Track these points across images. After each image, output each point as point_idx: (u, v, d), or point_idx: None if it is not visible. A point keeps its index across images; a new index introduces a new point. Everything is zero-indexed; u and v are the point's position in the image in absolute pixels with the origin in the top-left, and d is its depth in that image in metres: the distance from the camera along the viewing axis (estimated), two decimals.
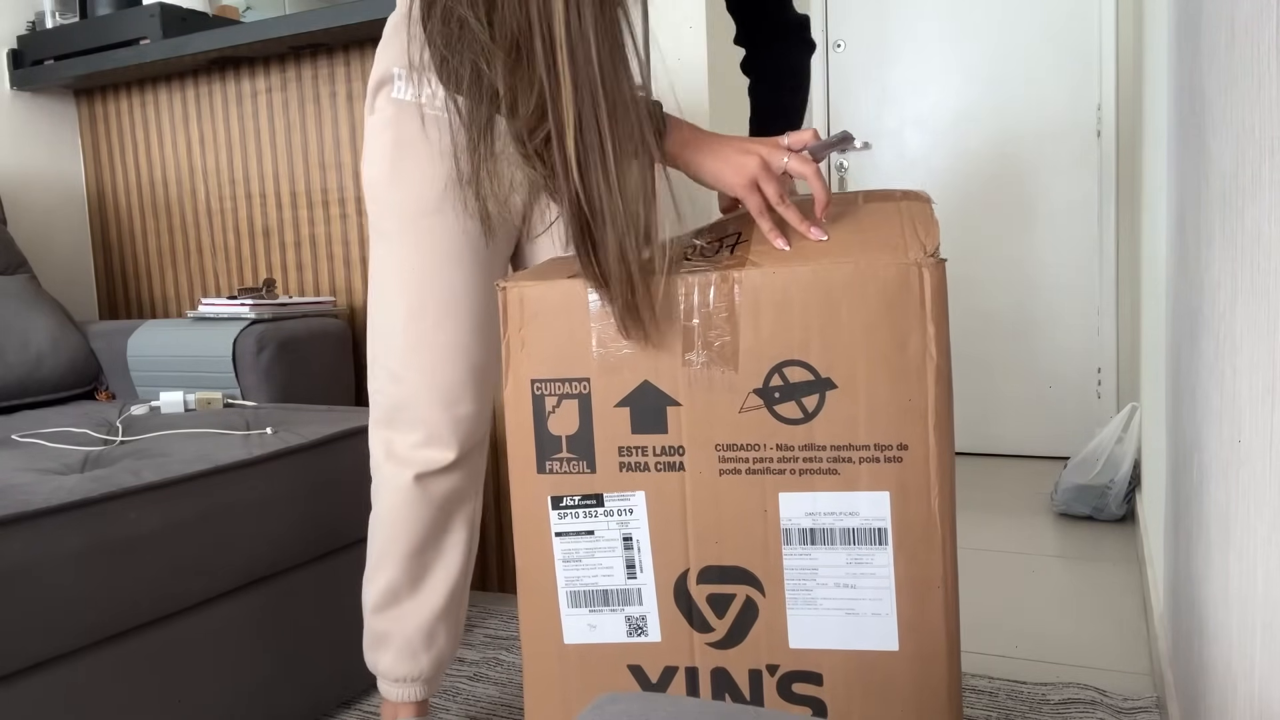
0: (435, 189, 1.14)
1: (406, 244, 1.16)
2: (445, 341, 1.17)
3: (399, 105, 1.16)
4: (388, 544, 1.22)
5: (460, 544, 1.25)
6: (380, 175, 1.17)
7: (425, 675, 1.26)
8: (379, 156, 1.17)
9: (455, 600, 1.26)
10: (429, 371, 1.17)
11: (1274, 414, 0.59)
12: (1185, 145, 1.07)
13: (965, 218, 3.14)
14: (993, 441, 3.19)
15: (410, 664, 1.25)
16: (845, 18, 3.23)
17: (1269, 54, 0.59)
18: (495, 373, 1.23)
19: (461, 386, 1.18)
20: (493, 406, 1.29)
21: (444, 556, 1.24)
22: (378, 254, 1.19)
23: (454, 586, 1.25)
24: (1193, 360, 0.99)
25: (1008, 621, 1.83)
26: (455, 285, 1.16)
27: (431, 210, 1.15)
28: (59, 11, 2.24)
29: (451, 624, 1.27)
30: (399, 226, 1.16)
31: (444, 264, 1.16)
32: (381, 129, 1.17)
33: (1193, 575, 1.01)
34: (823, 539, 0.93)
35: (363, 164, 1.20)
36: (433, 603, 1.24)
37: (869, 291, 0.89)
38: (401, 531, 1.21)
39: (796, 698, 0.95)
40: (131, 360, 1.92)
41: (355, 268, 2.05)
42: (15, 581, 1.06)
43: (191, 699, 1.27)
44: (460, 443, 1.19)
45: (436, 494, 1.20)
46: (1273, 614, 0.60)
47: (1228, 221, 0.74)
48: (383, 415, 1.21)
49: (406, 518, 1.20)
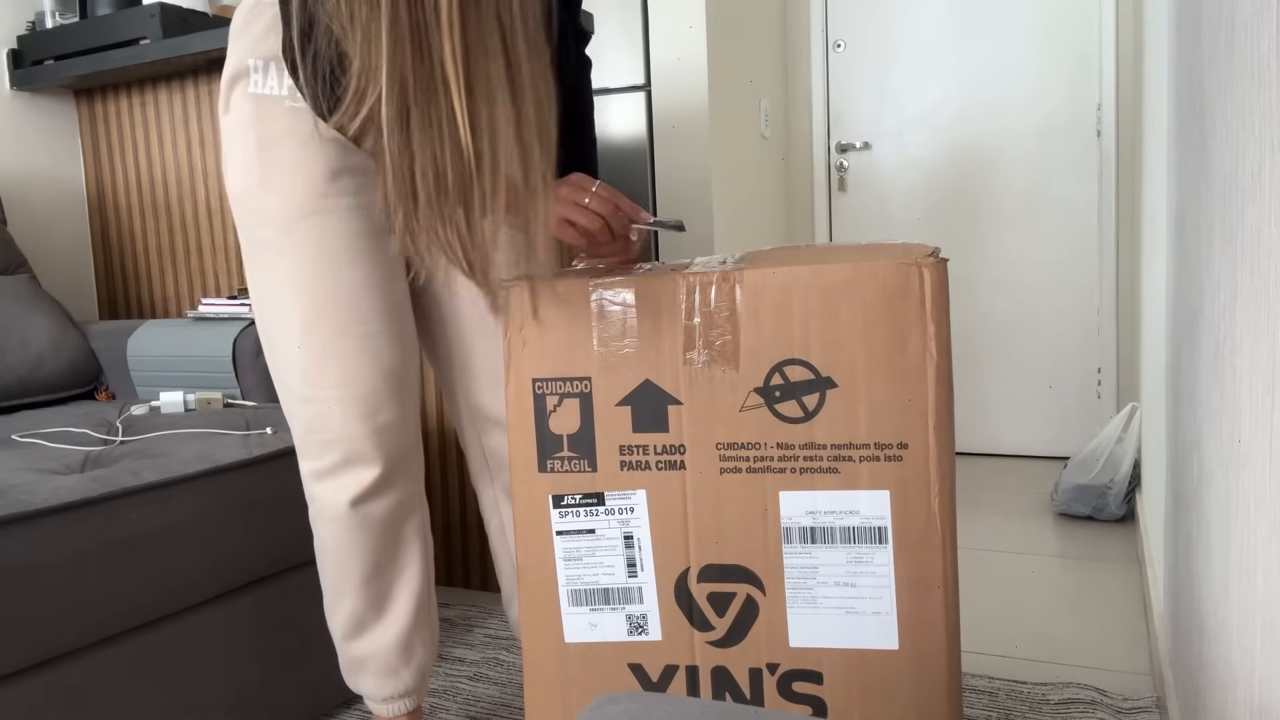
0: (312, 186, 1.04)
1: (289, 251, 1.05)
2: (350, 348, 1.07)
3: (258, 100, 1.04)
4: (340, 575, 1.15)
5: (415, 558, 1.19)
6: (248, 181, 1.06)
7: (410, 689, 1.22)
8: (242, 160, 1.06)
9: (422, 611, 1.21)
10: (337, 385, 1.07)
11: (1274, 414, 0.59)
12: (1185, 145, 1.07)
13: (965, 218, 3.14)
14: (993, 441, 3.19)
15: (393, 682, 1.20)
16: (845, 18, 3.23)
17: (1269, 54, 0.59)
18: (414, 374, 1.15)
19: (377, 395, 1.08)
20: (419, 410, 1.21)
21: (402, 574, 1.18)
22: (256, 268, 1.08)
23: (418, 600, 1.19)
24: (1193, 360, 0.99)
25: (1008, 621, 1.83)
26: (353, 286, 1.06)
27: (311, 210, 1.05)
28: (59, 11, 2.24)
29: (425, 632, 1.22)
30: (277, 233, 1.05)
31: (336, 265, 1.06)
32: (241, 129, 1.05)
33: (1193, 575, 1.01)
34: (823, 538, 0.93)
35: (225, 171, 1.08)
36: (400, 622, 1.19)
37: (869, 291, 0.89)
38: (351, 561, 1.14)
39: (797, 696, 0.95)
40: (131, 360, 1.92)
41: None
42: (15, 581, 1.06)
43: (191, 699, 1.27)
44: (385, 456, 1.10)
45: (376, 516, 1.12)
46: (1273, 613, 0.60)
47: (1228, 221, 0.74)
48: (299, 442, 1.11)
49: (351, 545, 1.13)
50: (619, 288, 0.95)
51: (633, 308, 0.94)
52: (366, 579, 1.16)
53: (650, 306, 0.94)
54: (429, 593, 1.22)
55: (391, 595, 1.18)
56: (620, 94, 1.99)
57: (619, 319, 0.95)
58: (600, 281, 0.95)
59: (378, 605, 1.18)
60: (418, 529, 1.19)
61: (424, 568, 1.20)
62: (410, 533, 1.18)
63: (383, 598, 1.18)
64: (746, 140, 2.84)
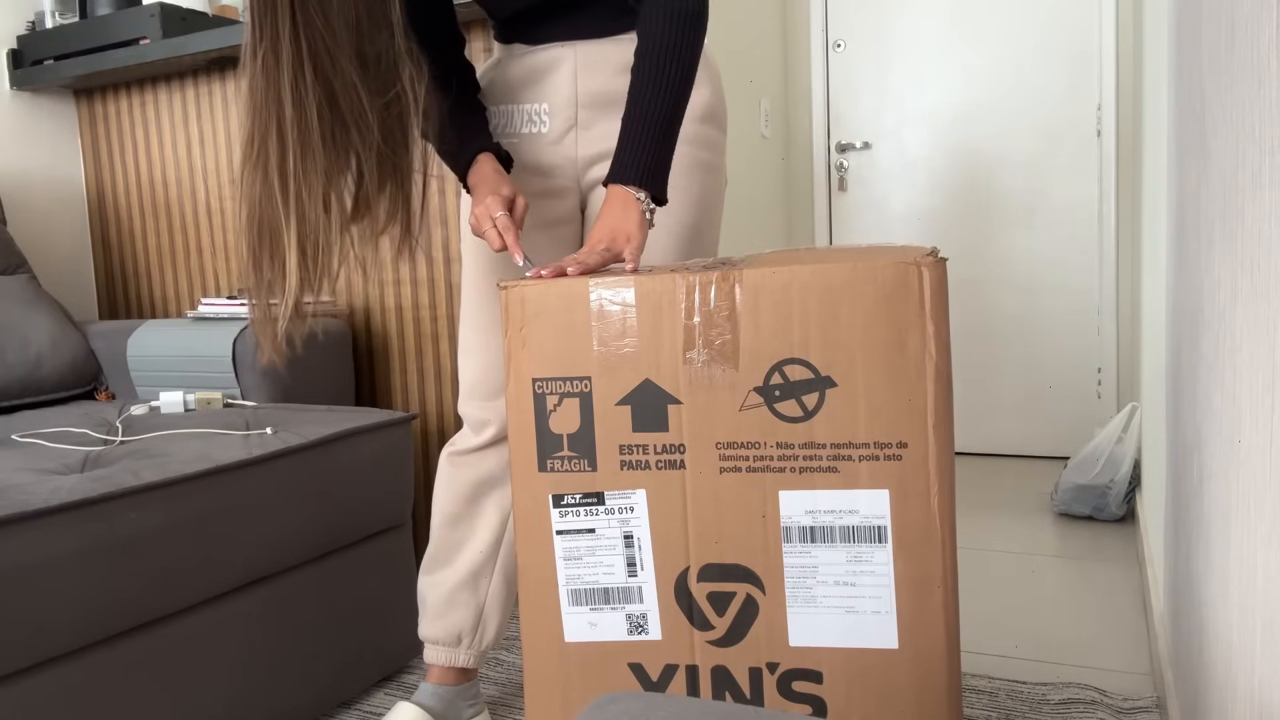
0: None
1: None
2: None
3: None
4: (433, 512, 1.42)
5: (488, 527, 1.37)
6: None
7: (439, 638, 1.37)
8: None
9: (476, 576, 1.37)
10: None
11: (1274, 414, 0.59)
12: (1185, 145, 1.07)
13: (965, 218, 3.14)
14: (993, 441, 3.19)
15: (428, 625, 1.38)
16: (845, 18, 3.23)
17: (1269, 54, 0.59)
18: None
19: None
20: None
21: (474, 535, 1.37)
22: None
23: (475, 565, 1.37)
24: (1193, 360, 0.99)
25: (1008, 621, 1.83)
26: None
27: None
28: (59, 11, 2.25)
29: (468, 594, 1.36)
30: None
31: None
32: None
33: (1193, 575, 1.01)
34: (823, 537, 0.93)
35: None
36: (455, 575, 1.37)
37: (869, 290, 0.89)
38: (436, 500, 1.41)
39: (796, 696, 0.95)
40: (131, 360, 1.92)
41: (355, 267, 2.05)
42: (15, 581, 1.06)
43: (191, 699, 1.27)
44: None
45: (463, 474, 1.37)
46: (1273, 613, 0.60)
47: (1228, 221, 0.74)
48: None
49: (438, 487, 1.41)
50: (619, 287, 0.95)
51: (633, 307, 0.94)
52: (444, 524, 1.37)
53: (650, 306, 0.94)
54: (487, 568, 1.37)
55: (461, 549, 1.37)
56: None
57: (619, 318, 0.95)
58: (600, 281, 0.95)
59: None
60: (498, 504, 1.36)
61: (492, 540, 1.36)
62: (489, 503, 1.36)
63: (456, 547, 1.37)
64: (746, 140, 2.84)
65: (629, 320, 0.94)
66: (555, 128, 1.30)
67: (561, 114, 1.29)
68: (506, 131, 1.32)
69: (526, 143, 1.31)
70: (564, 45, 1.27)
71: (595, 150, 1.30)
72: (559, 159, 1.31)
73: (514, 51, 1.31)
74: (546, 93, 1.29)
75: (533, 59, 1.29)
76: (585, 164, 1.31)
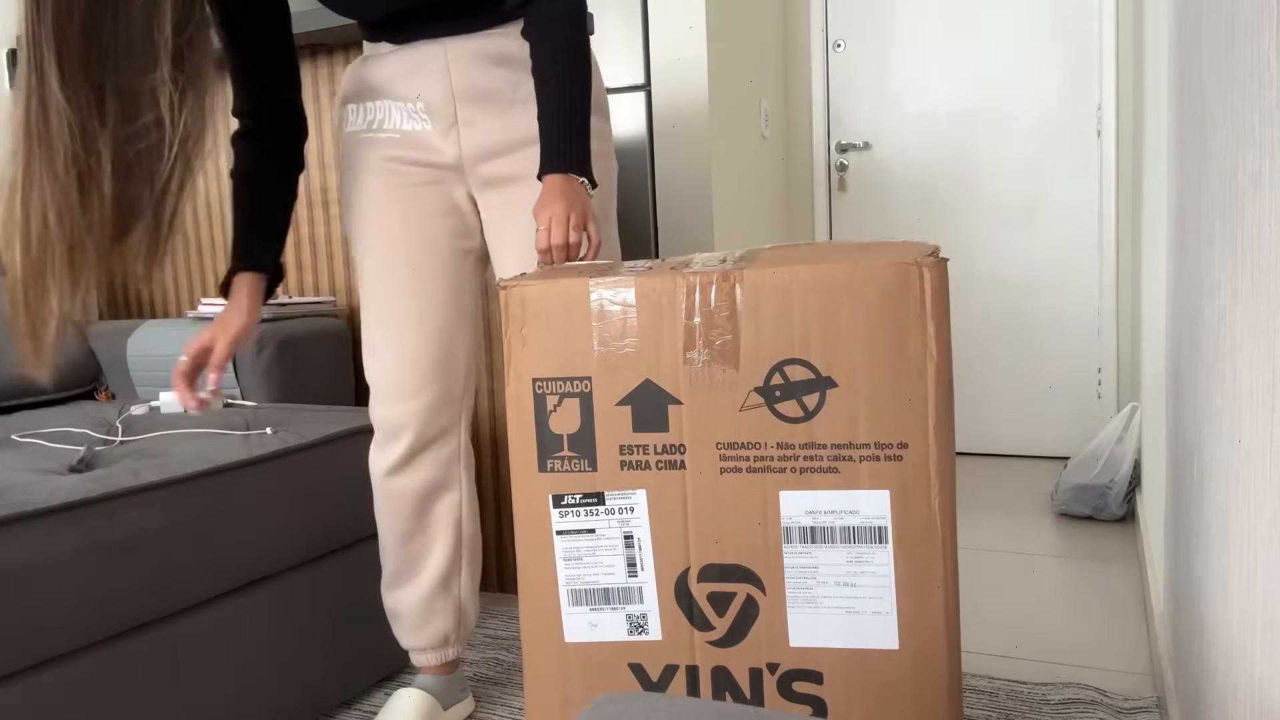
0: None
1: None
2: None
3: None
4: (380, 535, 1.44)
5: (442, 536, 1.40)
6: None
7: (427, 645, 1.42)
8: None
9: (443, 584, 1.40)
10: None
11: (1274, 414, 0.59)
12: (1185, 145, 1.07)
13: (965, 217, 3.14)
14: (993, 441, 3.19)
15: (411, 636, 1.42)
16: (845, 18, 3.23)
17: (1269, 54, 0.59)
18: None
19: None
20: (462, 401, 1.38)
21: (432, 546, 1.40)
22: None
23: (441, 573, 1.40)
24: (1193, 360, 0.99)
25: (1008, 621, 1.83)
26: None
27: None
28: None
29: (445, 600, 1.41)
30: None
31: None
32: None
33: (1193, 575, 1.01)
34: (823, 537, 0.93)
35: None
36: (423, 587, 1.40)
37: (869, 290, 0.89)
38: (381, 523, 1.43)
39: (797, 696, 0.95)
40: (131, 360, 1.92)
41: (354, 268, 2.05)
42: (15, 581, 1.06)
43: (191, 699, 1.27)
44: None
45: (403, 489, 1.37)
46: (1273, 613, 0.60)
47: (1228, 221, 0.74)
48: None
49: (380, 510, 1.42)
50: (619, 287, 0.95)
51: (633, 307, 0.94)
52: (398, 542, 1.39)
53: (650, 306, 0.94)
54: (454, 570, 1.41)
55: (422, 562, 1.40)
56: (620, 94, 1.99)
57: (619, 318, 0.95)
58: (600, 281, 0.95)
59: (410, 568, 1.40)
60: (447, 509, 1.38)
61: (452, 546, 1.39)
62: (441, 511, 1.38)
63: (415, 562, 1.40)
64: (746, 140, 2.84)
65: (629, 320, 0.95)
66: (437, 126, 1.31)
67: (440, 112, 1.30)
68: (385, 127, 1.32)
69: (408, 138, 1.32)
70: (434, 42, 1.28)
71: (483, 146, 1.31)
72: (444, 158, 1.32)
73: (382, 49, 1.32)
74: (420, 90, 1.30)
75: (402, 56, 1.30)
76: (473, 160, 1.32)
